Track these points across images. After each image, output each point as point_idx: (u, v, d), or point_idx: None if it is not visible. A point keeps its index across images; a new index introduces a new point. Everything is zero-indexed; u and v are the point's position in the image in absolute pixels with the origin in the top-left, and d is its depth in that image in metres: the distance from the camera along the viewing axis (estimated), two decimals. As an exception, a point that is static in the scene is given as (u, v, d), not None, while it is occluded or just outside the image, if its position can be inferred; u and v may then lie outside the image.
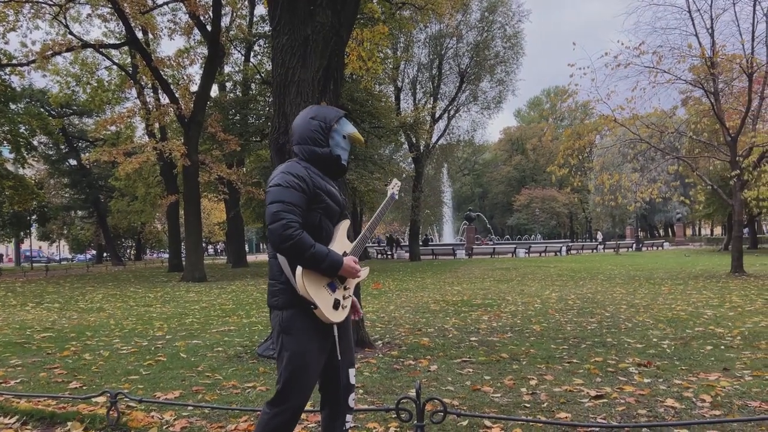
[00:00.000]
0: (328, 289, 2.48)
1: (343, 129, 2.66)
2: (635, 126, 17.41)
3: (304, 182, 2.44)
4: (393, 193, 2.98)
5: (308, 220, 2.44)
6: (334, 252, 2.45)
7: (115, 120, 26.15)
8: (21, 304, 13.48)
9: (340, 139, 2.64)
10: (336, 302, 2.49)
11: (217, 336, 7.70)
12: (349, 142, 2.68)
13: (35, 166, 45.63)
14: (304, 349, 2.44)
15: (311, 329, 2.45)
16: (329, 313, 2.45)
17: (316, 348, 2.47)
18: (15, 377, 5.40)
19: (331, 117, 2.62)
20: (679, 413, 3.84)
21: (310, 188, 2.45)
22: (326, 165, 2.59)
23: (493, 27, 33.38)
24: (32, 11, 22.72)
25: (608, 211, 56.04)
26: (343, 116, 2.67)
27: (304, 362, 2.44)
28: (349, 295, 2.57)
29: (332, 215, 2.57)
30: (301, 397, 2.45)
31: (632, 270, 19.89)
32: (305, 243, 2.33)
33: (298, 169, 2.48)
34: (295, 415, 2.48)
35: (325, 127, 2.58)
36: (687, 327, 7.47)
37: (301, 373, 2.44)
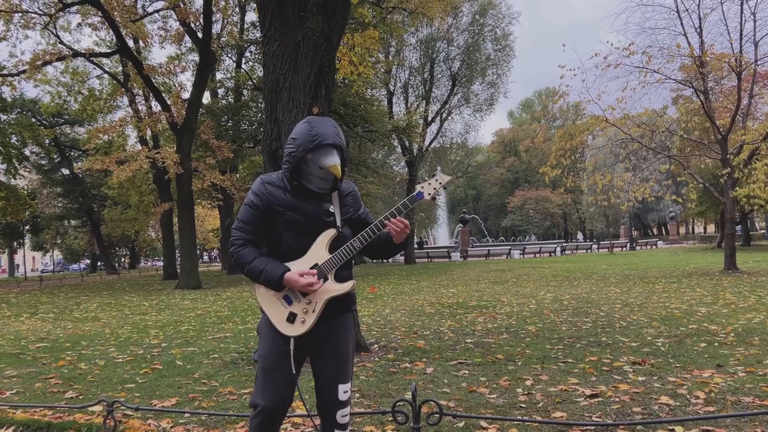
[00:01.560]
0: (283, 301, 2.52)
1: (318, 159, 2.48)
2: (626, 126, 17.50)
3: (257, 198, 2.54)
4: (420, 193, 2.64)
5: (272, 234, 2.56)
6: (274, 267, 2.47)
7: (107, 129, 26.11)
8: (15, 315, 13.42)
9: (315, 169, 2.51)
10: (291, 315, 2.50)
11: (213, 343, 7.70)
12: (328, 171, 2.50)
13: (27, 176, 45.46)
14: (266, 352, 2.53)
15: (274, 334, 2.52)
16: (281, 325, 2.51)
17: (278, 351, 2.49)
18: (10, 388, 5.39)
19: (307, 145, 2.46)
20: (674, 410, 3.87)
21: (264, 204, 2.53)
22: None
23: (483, 30, 33.56)
24: (22, 21, 22.68)
25: (602, 211, 56.24)
26: (322, 145, 2.47)
27: (267, 365, 2.51)
28: (313, 310, 2.50)
29: (299, 228, 2.52)
30: (266, 399, 2.46)
31: (626, 269, 19.97)
32: (243, 258, 2.52)
33: (257, 185, 2.58)
34: (267, 419, 2.48)
35: (295, 153, 2.49)
36: (681, 325, 7.51)
37: (264, 375, 2.50)
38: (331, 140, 2.47)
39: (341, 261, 2.54)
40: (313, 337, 2.53)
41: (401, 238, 2.59)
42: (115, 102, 30.92)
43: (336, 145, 2.49)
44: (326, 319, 2.54)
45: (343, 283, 2.56)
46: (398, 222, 2.53)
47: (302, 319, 2.49)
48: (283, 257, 2.52)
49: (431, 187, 2.64)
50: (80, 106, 30.06)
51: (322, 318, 2.52)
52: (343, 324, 2.62)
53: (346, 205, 2.67)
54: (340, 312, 2.60)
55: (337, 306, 2.56)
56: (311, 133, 2.47)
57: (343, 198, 2.67)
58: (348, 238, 2.59)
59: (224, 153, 23.74)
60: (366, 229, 2.56)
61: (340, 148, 2.53)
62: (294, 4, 5.96)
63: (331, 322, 2.56)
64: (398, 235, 2.57)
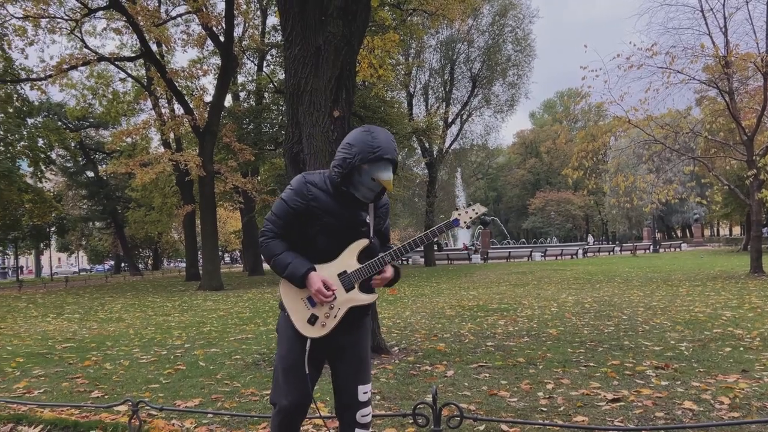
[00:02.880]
0: (307, 302, 2.53)
1: (374, 171, 2.48)
2: (649, 127, 17.31)
3: (298, 198, 2.53)
4: (456, 219, 2.67)
5: (304, 234, 2.55)
6: (300, 264, 2.48)
7: (131, 131, 26.53)
8: (42, 315, 13.67)
9: (367, 179, 2.50)
10: (313, 317, 2.52)
11: (234, 344, 7.78)
12: (379, 184, 2.51)
13: (53, 178, 46.28)
14: (285, 351, 2.55)
15: (294, 334, 2.53)
16: (301, 325, 2.52)
17: (297, 351, 2.51)
18: (39, 387, 5.50)
19: (366, 156, 2.45)
20: (697, 415, 3.83)
21: (303, 203, 2.52)
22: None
23: (504, 30, 33.41)
24: (49, 26, 23.13)
25: (624, 213, 55.59)
26: (381, 158, 2.46)
27: (285, 365, 2.53)
28: (335, 315, 2.51)
29: (334, 233, 2.53)
30: (284, 398, 2.49)
31: (649, 272, 19.74)
32: (271, 250, 2.54)
33: (299, 184, 2.56)
34: (286, 418, 2.51)
35: (350, 161, 2.47)
36: (705, 329, 7.41)
37: (282, 373, 2.53)
38: (391, 155, 2.48)
39: (371, 273, 2.55)
40: (332, 340, 2.55)
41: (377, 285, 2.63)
42: (139, 105, 31.40)
43: (393, 160, 2.51)
44: (347, 326, 2.56)
45: (368, 295, 2.59)
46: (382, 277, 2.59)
47: (323, 322, 2.51)
48: (312, 258, 2.53)
49: (467, 215, 2.67)
50: (105, 109, 30.58)
51: (343, 324, 2.54)
52: (361, 328, 2.66)
53: (378, 216, 2.69)
54: (359, 317, 2.62)
55: (358, 312, 2.59)
56: (372, 144, 2.46)
57: (377, 209, 2.68)
58: (376, 248, 2.61)
59: (246, 156, 23.94)
60: (400, 246, 2.62)
61: (395, 163, 2.55)
62: (315, 8, 6.02)
63: (349, 326, 2.59)
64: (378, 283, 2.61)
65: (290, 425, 2.54)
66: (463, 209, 2.69)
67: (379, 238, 2.70)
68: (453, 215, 2.68)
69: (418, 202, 40.31)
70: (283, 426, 2.53)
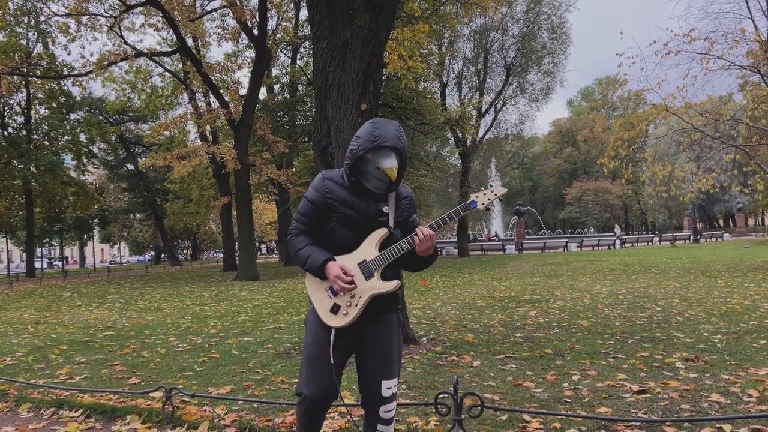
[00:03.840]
0: (329, 292, 2.62)
1: (377, 159, 2.55)
2: (688, 115, 16.89)
3: (316, 192, 2.66)
4: (473, 201, 2.65)
5: (326, 227, 2.67)
6: (318, 254, 2.58)
7: (168, 125, 27.06)
8: (85, 305, 14.15)
9: (373, 168, 2.58)
10: (335, 306, 2.59)
11: (267, 333, 7.95)
12: (385, 173, 2.56)
13: (95, 172, 47.55)
14: (311, 341, 2.64)
15: (319, 324, 2.62)
16: (324, 314, 2.61)
17: (322, 342, 2.58)
18: (80, 373, 5.74)
19: (368, 144, 2.54)
20: (724, 408, 3.80)
21: (321, 198, 2.64)
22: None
23: (539, 18, 32.88)
24: (89, 22, 23.72)
25: (663, 203, 54.43)
26: (381, 146, 2.53)
27: (310, 353, 2.61)
28: (356, 304, 2.56)
29: (352, 224, 2.61)
30: (309, 387, 2.55)
31: (688, 263, 19.34)
32: (295, 245, 2.68)
33: (318, 180, 2.70)
34: (311, 406, 2.56)
35: (356, 151, 2.57)
36: (741, 321, 7.27)
37: (309, 364, 2.60)
38: (391, 143, 2.53)
39: (388, 260, 2.59)
40: (357, 332, 2.61)
41: (422, 249, 2.55)
42: (176, 99, 32.01)
43: (395, 147, 2.54)
44: (371, 317, 2.60)
45: (389, 282, 2.60)
46: (420, 232, 2.53)
47: (345, 311, 2.57)
48: (333, 250, 2.62)
49: (486, 197, 2.65)
50: (143, 103, 31.29)
51: (367, 315, 2.58)
52: (387, 322, 2.69)
53: (400, 208, 2.73)
54: (385, 311, 2.66)
55: (382, 305, 2.62)
56: (373, 133, 2.55)
57: (399, 201, 2.73)
58: (398, 239, 2.63)
59: (280, 148, 24.23)
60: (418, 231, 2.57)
61: (400, 152, 2.57)
62: (342, 2, 6.07)
63: (375, 320, 2.63)
64: (420, 245, 2.54)
65: (314, 414, 2.60)
66: (481, 191, 2.69)
67: (408, 232, 2.68)
68: (470, 197, 2.70)
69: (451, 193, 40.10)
70: (307, 414, 2.59)
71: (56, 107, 34.92)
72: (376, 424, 2.66)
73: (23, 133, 34.68)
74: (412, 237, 2.56)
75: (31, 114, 34.74)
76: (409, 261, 2.68)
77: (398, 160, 2.57)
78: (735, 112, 17.84)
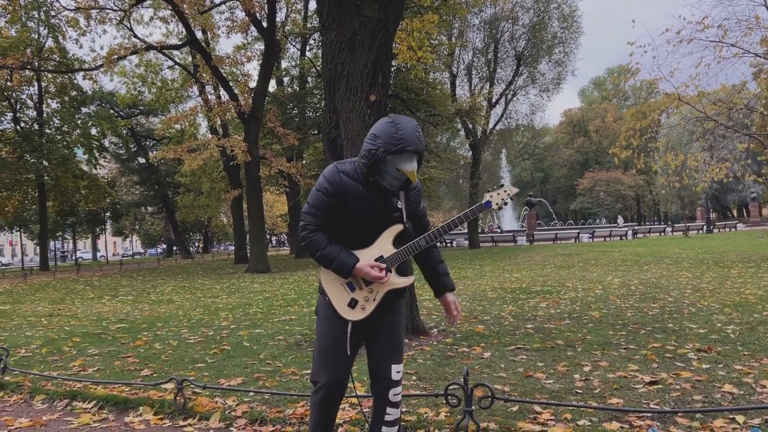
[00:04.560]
0: (346, 287, 2.64)
1: (398, 162, 2.50)
2: (701, 104, 16.70)
3: (331, 186, 2.59)
4: (488, 202, 2.69)
5: (339, 221, 2.63)
6: (346, 256, 2.56)
7: (179, 118, 27.13)
8: (98, 297, 14.27)
9: (392, 169, 2.53)
10: (353, 301, 2.62)
11: (278, 325, 7.98)
12: (404, 174, 2.53)
13: (107, 165, 47.84)
14: (325, 332, 2.67)
15: (334, 315, 2.65)
16: (341, 309, 2.63)
17: (337, 332, 2.63)
18: (93, 365, 5.79)
19: (390, 147, 2.46)
20: (737, 399, 3.77)
21: (336, 192, 2.59)
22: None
23: (549, 7, 32.61)
24: (99, 16, 23.79)
25: (676, 193, 53.98)
26: (405, 150, 2.47)
27: (325, 344, 2.66)
28: (374, 299, 2.61)
29: (366, 220, 2.60)
30: (325, 376, 2.61)
31: (701, 253, 19.19)
32: (316, 244, 2.60)
33: (331, 173, 2.63)
34: (327, 395, 2.62)
35: (374, 152, 2.49)
36: (755, 311, 7.20)
37: (322, 353, 2.66)
38: (414, 147, 2.48)
39: (407, 256, 2.64)
40: (370, 322, 2.65)
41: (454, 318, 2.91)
42: (186, 92, 32.07)
43: (417, 151, 2.52)
44: (383, 306, 2.65)
45: (406, 277, 2.68)
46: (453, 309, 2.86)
47: (363, 306, 2.62)
48: (348, 245, 2.62)
49: (499, 197, 2.70)
50: (154, 96, 31.38)
51: (381, 307, 2.64)
52: (397, 310, 2.76)
53: (410, 200, 2.74)
54: (395, 299, 2.72)
55: (393, 295, 2.68)
56: (396, 136, 2.46)
57: (408, 193, 2.73)
58: (411, 233, 2.70)
59: (290, 140, 24.23)
60: (434, 230, 2.67)
61: (420, 154, 2.56)
62: (351, -8, 6.04)
63: (386, 309, 2.68)
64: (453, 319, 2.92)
65: (329, 403, 2.66)
66: (495, 191, 2.71)
67: (415, 221, 2.78)
68: (485, 197, 2.72)
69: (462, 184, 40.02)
70: (322, 403, 2.64)
71: (67, 101, 35.12)
72: (385, 407, 2.70)
73: (35, 127, 34.93)
74: (429, 236, 2.65)
75: (43, 108, 34.96)
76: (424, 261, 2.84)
77: (418, 161, 2.58)
78: (749, 100, 17.61)
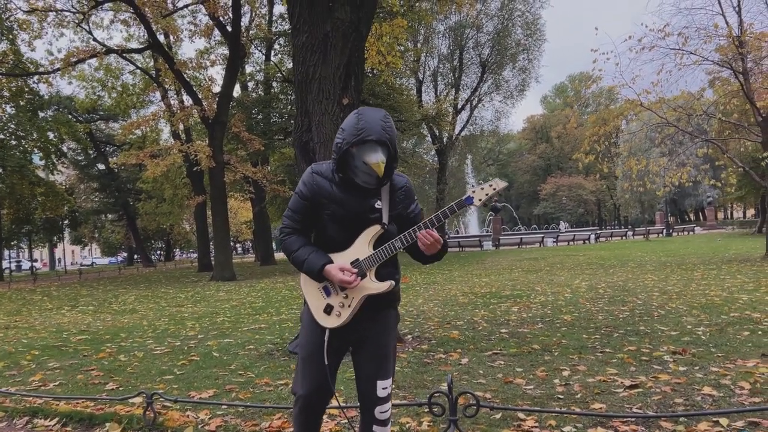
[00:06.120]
0: (322, 292, 2.54)
1: (362, 154, 2.38)
2: (662, 110, 17.07)
3: (306, 188, 2.53)
4: (470, 197, 2.49)
5: (317, 224, 2.57)
6: (315, 258, 2.47)
7: (140, 123, 26.57)
8: (57, 308, 13.78)
9: (360, 163, 2.41)
10: (328, 307, 2.51)
11: (248, 334, 7.78)
12: (370, 167, 2.40)
13: (65, 172, 46.57)
14: (307, 341, 2.56)
15: (314, 324, 2.55)
16: (318, 315, 2.54)
17: (315, 341, 2.51)
18: (54, 380, 5.52)
19: (351, 138, 2.37)
20: (717, 401, 3.77)
21: (311, 194, 2.52)
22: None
23: (513, 15, 33.10)
24: (56, 19, 23.14)
25: (637, 197, 55.23)
26: (366, 141, 2.36)
27: (306, 354, 2.55)
28: (349, 305, 2.48)
29: (342, 221, 2.49)
30: (304, 386, 2.51)
31: (663, 256, 19.58)
32: (289, 247, 2.56)
33: (307, 174, 2.57)
34: (305, 406, 2.52)
35: (340, 145, 2.42)
36: (722, 313, 7.32)
37: (303, 363, 2.56)
38: (375, 136, 2.34)
39: (381, 259, 2.48)
40: (353, 331, 2.52)
41: (432, 251, 2.46)
42: (148, 97, 31.49)
43: (381, 141, 2.36)
44: (367, 315, 2.50)
45: (381, 283, 2.48)
46: (427, 235, 2.41)
47: (338, 312, 2.49)
48: (325, 248, 2.52)
49: (483, 192, 2.47)
50: (114, 101, 30.69)
51: (363, 313, 2.49)
52: (385, 321, 2.59)
53: (395, 200, 2.56)
54: (382, 308, 2.56)
55: (379, 303, 2.52)
56: (357, 126, 2.37)
57: (394, 192, 2.56)
58: (394, 235, 2.50)
59: (255, 145, 23.92)
60: (409, 230, 2.44)
61: (386, 145, 2.39)
62: (322, -6, 5.94)
63: (371, 319, 2.53)
64: (428, 248, 2.44)
65: (309, 413, 2.55)
66: (479, 185, 2.52)
67: (406, 223, 2.55)
68: (467, 192, 2.54)
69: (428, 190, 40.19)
70: (302, 414, 2.54)
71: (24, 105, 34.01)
72: (372, 425, 2.56)
73: (-12, 133, 33.70)
74: (405, 236, 2.44)
75: (-4, 113, 33.79)
76: (419, 255, 2.55)
77: (386, 153, 2.39)
78: (708, 107, 18.08)
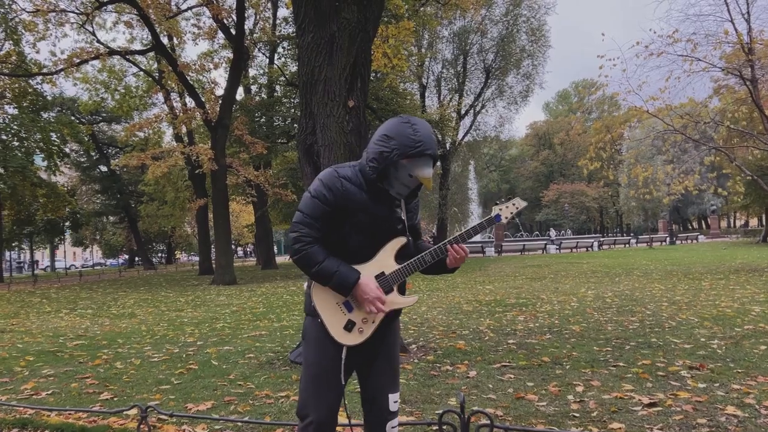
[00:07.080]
0: (343, 307, 2.33)
1: (413, 167, 2.26)
2: (668, 117, 16.89)
3: (331, 193, 2.27)
4: (498, 215, 2.49)
5: (338, 232, 2.32)
6: (347, 272, 2.26)
7: (143, 125, 26.48)
8: (55, 311, 13.60)
9: (404, 175, 2.28)
10: (350, 323, 2.31)
11: (248, 341, 7.59)
12: (416, 180, 2.30)
13: (67, 173, 46.47)
14: (317, 360, 2.34)
15: (326, 340, 2.32)
16: (336, 332, 2.31)
17: (329, 359, 2.31)
18: (47, 388, 5.33)
19: (407, 150, 2.22)
20: (743, 422, 3.57)
21: (337, 200, 2.27)
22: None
23: (518, 21, 32.97)
24: (59, 20, 23.01)
25: (640, 205, 54.95)
26: (424, 153, 2.24)
27: (316, 372, 2.32)
28: (373, 320, 2.32)
29: (369, 231, 2.31)
30: (318, 410, 2.28)
31: (668, 265, 19.36)
32: (312, 258, 2.26)
33: (331, 179, 2.30)
34: (318, 431, 2.29)
35: (388, 155, 2.24)
36: (735, 325, 7.11)
37: (312, 384, 2.32)
38: (432, 151, 2.26)
39: (410, 273, 2.36)
40: (366, 346, 2.36)
41: (457, 265, 2.42)
42: (151, 99, 31.38)
43: (435, 156, 2.31)
44: (380, 329, 2.37)
45: (408, 297, 2.42)
46: (459, 250, 2.38)
47: (360, 328, 2.32)
48: (345, 259, 2.31)
49: (508, 210, 2.49)
50: (117, 103, 30.54)
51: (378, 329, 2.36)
52: (393, 332, 2.48)
53: (410, 211, 2.49)
54: (392, 319, 2.44)
55: (392, 314, 2.41)
56: (414, 138, 2.23)
57: (408, 204, 2.48)
58: (411, 246, 2.44)
59: (258, 149, 23.78)
60: (440, 245, 2.39)
61: (437, 159, 2.36)
62: (329, -7, 5.77)
63: (383, 331, 2.40)
64: (455, 262, 2.39)
65: None
66: (503, 204, 2.50)
67: (412, 234, 2.49)
68: (494, 210, 2.50)
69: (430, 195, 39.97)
70: None
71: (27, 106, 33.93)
72: None
73: (-9, 134, 33.60)
74: (436, 250, 2.37)
75: (-1, 114, 33.70)
76: (438, 267, 2.46)
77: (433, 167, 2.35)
78: (715, 114, 17.91)
